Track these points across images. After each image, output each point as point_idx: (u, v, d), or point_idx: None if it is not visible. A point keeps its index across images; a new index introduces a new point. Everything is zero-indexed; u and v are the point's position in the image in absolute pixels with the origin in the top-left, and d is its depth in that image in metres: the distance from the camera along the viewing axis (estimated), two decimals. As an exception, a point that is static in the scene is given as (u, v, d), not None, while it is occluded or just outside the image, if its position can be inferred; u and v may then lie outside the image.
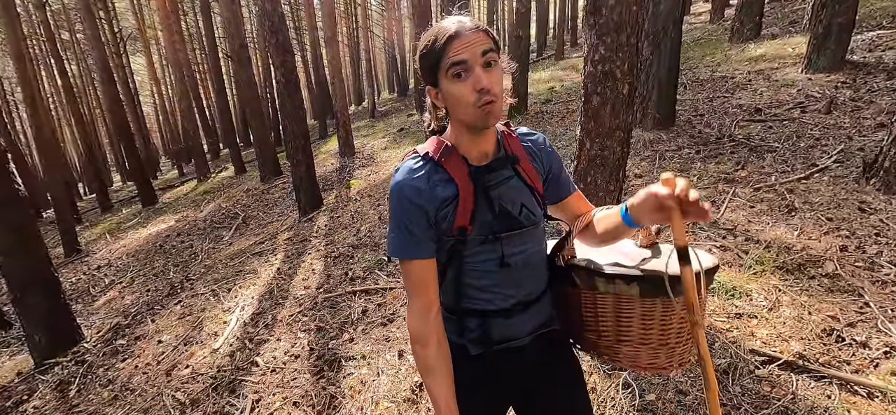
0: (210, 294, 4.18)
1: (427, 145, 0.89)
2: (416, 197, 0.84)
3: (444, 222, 0.85)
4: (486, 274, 0.89)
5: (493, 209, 0.87)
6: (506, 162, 0.89)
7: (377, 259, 3.90)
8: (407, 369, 2.42)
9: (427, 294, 0.86)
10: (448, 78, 0.79)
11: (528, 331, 0.94)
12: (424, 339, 0.86)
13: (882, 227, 2.30)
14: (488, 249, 0.88)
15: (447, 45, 0.78)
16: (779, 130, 4.02)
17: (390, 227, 0.87)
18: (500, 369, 0.95)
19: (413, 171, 0.85)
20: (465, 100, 0.78)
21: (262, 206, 7.83)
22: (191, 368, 2.98)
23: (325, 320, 3.15)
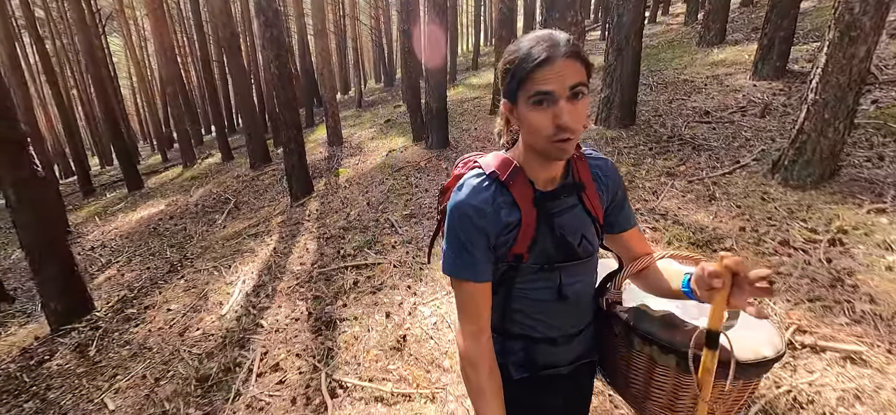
0: (211, 270, 4.56)
1: (493, 162, 0.85)
2: (479, 219, 0.80)
3: (502, 248, 0.83)
4: (539, 303, 0.87)
5: (554, 238, 0.84)
6: (572, 190, 0.86)
7: (366, 240, 4.35)
8: (393, 326, 2.89)
9: (480, 319, 0.84)
10: (528, 104, 0.74)
11: (570, 360, 0.93)
12: (476, 362, 0.83)
13: (775, 212, 2.87)
14: (545, 278, 0.85)
15: (535, 70, 0.72)
16: (720, 130, 4.60)
17: (447, 243, 0.84)
18: (540, 394, 0.94)
19: (478, 191, 0.81)
20: (542, 132, 0.74)
21: (252, 192, 8.13)
22: (201, 330, 3.39)
23: (320, 291, 3.59)
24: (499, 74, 0.81)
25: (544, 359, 0.91)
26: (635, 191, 3.73)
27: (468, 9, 31.72)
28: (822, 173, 2.98)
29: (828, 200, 2.86)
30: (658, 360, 0.85)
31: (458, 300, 0.85)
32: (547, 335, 0.89)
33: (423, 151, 7.01)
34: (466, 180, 0.83)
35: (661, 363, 0.85)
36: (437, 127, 6.50)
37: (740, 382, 0.81)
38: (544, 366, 0.91)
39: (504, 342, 0.91)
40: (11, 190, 3.60)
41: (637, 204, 3.48)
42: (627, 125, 5.21)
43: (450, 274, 0.84)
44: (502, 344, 0.92)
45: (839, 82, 2.78)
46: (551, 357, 0.91)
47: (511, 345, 0.91)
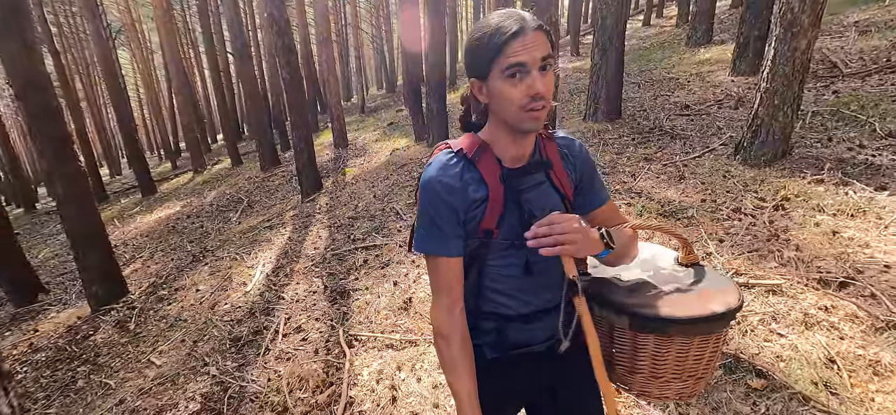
0: (233, 257, 4.99)
1: (461, 141, 0.88)
2: (447, 194, 0.82)
3: (471, 223, 0.84)
4: (508, 279, 0.88)
5: (521, 215, 0.85)
6: (540, 166, 0.88)
7: (373, 226, 4.77)
8: (400, 292, 3.30)
9: (452, 292, 0.86)
10: (501, 77, 0.76)
11: (544, 338, 0.93)
12: (448, 336, 0.86)
13: (733, 187, 3.27)
14: (513, 254, 0.86)
15: (507, 42, 0.74)
16: (697, 121, 5.01)
17: (418, 221, 0.86)
18: (516, 373, 0.95)
19: (446, 166, 0.84)
20: (515, 102, 0.76)
21: (264, 192, 8.58)
22: (230, 304, 3.81)
23: (334, 269, 4.01)
24: (466, 53, 0.82)
25: (517, 337, 0.92)
26: (616, 175, 4.14)
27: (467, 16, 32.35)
28: (775, 153, 3.38)
29: (778, 175, 3.26)
30: (614, 322, 0.90)
31: (431, 276, 0.87)
32: (520, 312, 0.90)
33: (424, 149, 7.45)
34: (435, 158, 0.86)
35: (618, 326, 0.89)
36: (438, 126, 6.94)
37: (685, 339, 0.83)
38: (517, 345, 0.92)
39: (477, 322, 0.92)
40: (59, 184, 4.05)
41: (616, 185, 3.88)
42: (613, 119, 5.62)
43: (423, 251, 0.86)
44: (476, 324, 0.92)
45: (785, 72, 3.18)
46: (524, 335, 0.91)
47: (484, 324, 0.92)
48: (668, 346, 0.84)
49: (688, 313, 0.81)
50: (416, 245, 0.87)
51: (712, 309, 0.81)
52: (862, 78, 4.57)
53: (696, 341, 0.83)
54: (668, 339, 0.84)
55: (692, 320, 0.81)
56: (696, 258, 0.96)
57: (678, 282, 0.91)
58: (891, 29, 5.83)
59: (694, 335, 0.82)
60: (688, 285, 0.89)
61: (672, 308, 0.83)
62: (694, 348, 0.84)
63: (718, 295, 0.84)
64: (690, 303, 0.84)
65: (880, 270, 2.09)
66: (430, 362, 2.49)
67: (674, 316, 0.81)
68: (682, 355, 0.85)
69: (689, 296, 0.86)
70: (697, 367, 0.86)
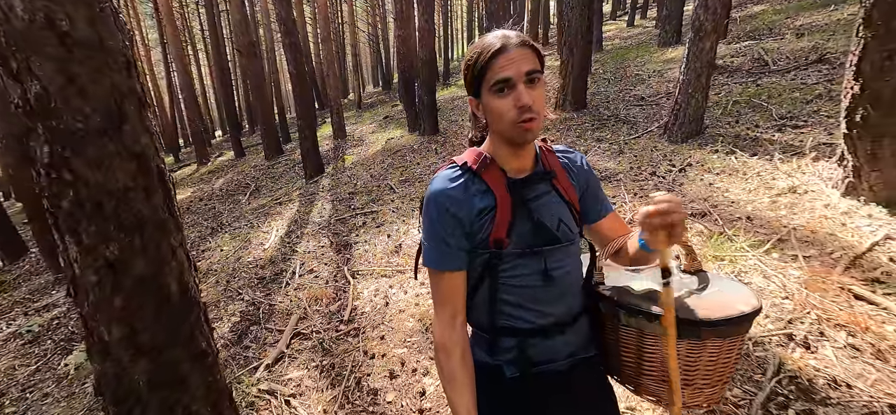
0: (249, 226, 5.80)
1: (465, 156, 0.89)
2: (452, 206, 0.83)
3: (479, 234, 0.84)
4: (526, 289, 0.87)
5: (532, 222, 0.85)
6: (544, 176, 0.89)
7: (371, 199, 5.59)
8: (392, 241, 4.13)
9: (455, 305, 0.87)
10: (490, 93, 0.79)
11: (566, 354, 0.92)
12: (449, 348, 0.85)
13: (655, 158, 4.13)
14: (530, 262, 0.86)
15: (492, 60, 0.78)
16: (647, 110, 5.87)
17: (424, 236, 0.87)
18: (538, 394, 0.91)
19: (451, 180, 0.85)
20: (506, 116, 0.79)
21: (269, 177, 9.36)
22: (253, 257, 4.62)
23: (338, 230, 4.83)
24: (463, 76, 0.86)
25: (538, 354, 0.90)
26: (573, 153, 5.00)
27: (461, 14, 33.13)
28: (690, 131, 4.23)
29: (690, 148, 4.12)
30: (645, 330, 0.86)
31: (435, 289, 0.87)
32: (538, 324, 0.88)
33: (417, 137, 8.26)
34: (440, 173, 0.87)
35: (649, 333, 0.86)
36: (428, 116, 7.76)
37: (718, 341, 0.82)
38: (539, 362, 0.90)
39: (495, 340, 0.91)
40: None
41: (571, 161, 4.74)
42: (578, 109, 6.47)
43: (429, 266, 0.86)
44: (494, 343, 0.91)
45: (696, 67, 4.03)
46: (545, 352, 0.89)
47: (503, 342, 0.90)
48: (700, 350, 0.83)
49: (720, 314, 0.81)
50: (425, 261, 0.87)
51: (741, 309, 0.81)
52: (782, 73, 5.43)
53: (726, 343, 0.83)
54: (700, 343, 0.82)
55: (725, 321, 0.80)
56: (700, 265, 0.95)
57: (689, 287, 0.90)
58: (821, 33, 6.70)
59: (725, 337, 0.82)
60: (700, 290, 0.89)
61: (702, 312, 0.82)
62: (723, 350, 0.83)
63: (740, 297, 0.84)
64: (715, 306, 0.83)
65: (727, 205, 2.95)
66: (414, 282, 3.32)
67: (709, 319, 0.81)
68: (712, 358, 0.83)
69: (709, 300, 0.85)
70: (726, 370, 0.86)
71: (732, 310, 0.81)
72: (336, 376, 2.45)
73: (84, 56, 1.37)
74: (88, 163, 1.42)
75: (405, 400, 2.18)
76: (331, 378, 2.45)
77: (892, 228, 2.25)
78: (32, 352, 3.86)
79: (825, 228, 2.42)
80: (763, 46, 6.83)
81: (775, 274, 2.20)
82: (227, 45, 18.38)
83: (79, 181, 1.42)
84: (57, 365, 3.55)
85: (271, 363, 2.68)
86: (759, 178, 3.20)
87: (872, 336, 1.74)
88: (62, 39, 1.34)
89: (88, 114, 1.40)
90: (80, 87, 1.38)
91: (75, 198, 1.43)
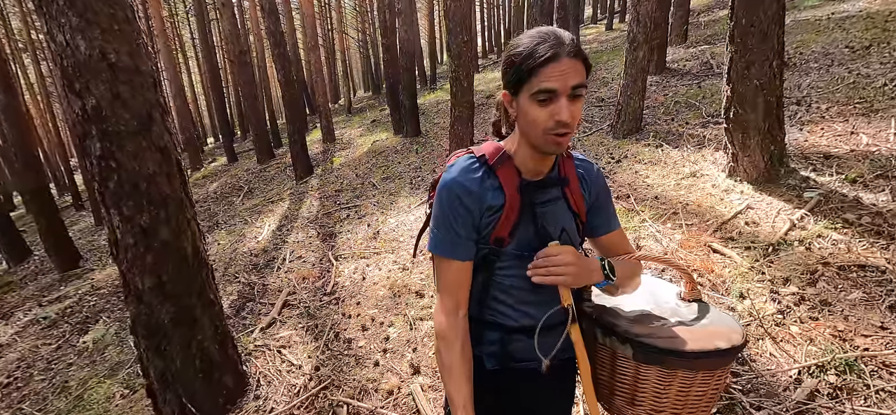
0: (243, 222, 6.31)
1: (484, 147, 0.88)
2: (466, 197, 0.83)
3: (485, 230, 0.85)
4: (514, 290, 0.89)
5: (535, 226, 0.86)
6: (557, 182, 0.88)
7: (354, 195, 6.13)
8: (371, 229, 4.67)
9: (458, 296, 0.87)
10: (531, 99, 0.76)
11: (545, 354, 0.89)
12: (450, 339, 0.86)
13: (600, 151, 4.73)
14: (522, 265, 0.86)
15: (542, 66, 0.74)
16: (605, 111, 6.49)
17: (434, 222, 0.87)
18: (514, 388, 0.95)
19: (468, 171, 0.85)
20: (540, 126, 0.76)
21: (261, 180, 9.85)
22: (247, 248, 5.15)
23: (324, 223, 5.37)
24: (503, 64, 0.82)
25: (519, 351, 0.92)
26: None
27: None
28: (630, 128, 4.85)
29: (629, 143, 4.73)
30: (617, 350, 0.88)
31: (440, 278, 0.88)
32: (522, 324, 0.90)
33: (400, 139, 8.82)
34: (457, 162, 0.87)
35: (621, 355, 0.88)
36: (410, 119, 8.33)
37: (689, 374, 0.82)
38: (518, 358, 0.92)
39: (480, 331, 0.93)
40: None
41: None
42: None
43: (435, 252, 0.87)
44: (478, 333, 0.93)
45: (632, 73, 4.64)
46: (526, 350, 0.90)
47: (487, 335, 0.93)
48: (670, 379, 0.83)
49: (693, 347, 0.80)
50: (430, 245, 0.87)
51: (717, 345, 0.80)
52: (721, 76, 6.09)
53: (700, 376, 0.82)
54: (671, 372, 0.82)
55: (697, 354, 0.80)
56: (699, 294, 0.96)
57: (681, 316, 0.90)
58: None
59: (697, 370, 0.81)
60: (691, 320, 0.89)
61: (677, 342, 0.82)
62: (697, 383, 0.82)
63: (723, 332, 0.83)
64: (695, 337, 0.82)
65: (644, 188, 3.55)
66: (386, 261, 3.87)
67: (678, 349, 0.81)
68: (683, 389, 0.83)
69: (693, 330, 0.85)
70: (699, 403, 0.85)
71: (709, 344, 0.81)
72: (318, 331, 3.00)
73: (125, 79, 1.93)
74: (128, 155, 1.98)
75: (373, 344, 2.73)
76: (314, 334, 2.99)
77: (753, 200, 2.85)
78: (52, 334, 4.35)
79: (708, 203, 3.02)
80: (713, 51, 7.50)
81: (663, 238, 2.79)
82: (218, 54, 18.82)
83: (121, 168, 1.97)
84: (76, 343, 4.05)
85: (265, 327, 3.22)
86: (674, 166, 3.80)
87: (714, 276, 2.32)
88: (111, 67, 1.89)
89: (128, 120, 1.96)
90: (123, 101, 1.93)
91: (118, 180, 1.98)
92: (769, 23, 2.62)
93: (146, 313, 2.14)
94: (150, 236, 2.06)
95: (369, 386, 2.37)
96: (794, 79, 4.92)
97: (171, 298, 2.16)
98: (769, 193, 2.87)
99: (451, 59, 4.42)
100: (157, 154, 2.06)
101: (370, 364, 2.54)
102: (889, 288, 1.93)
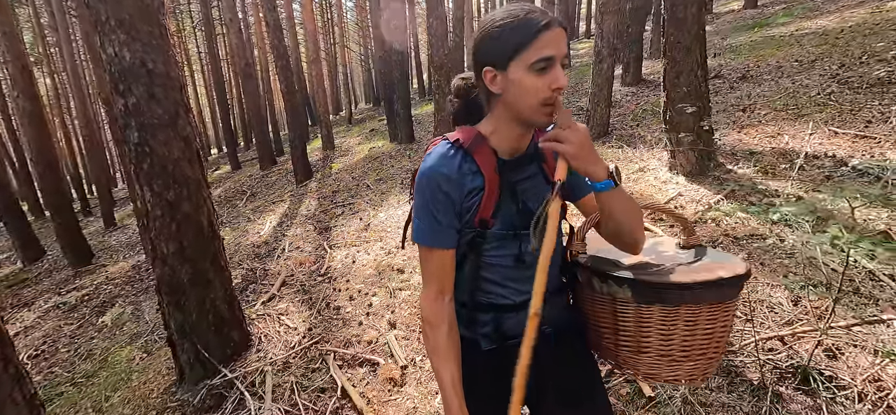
0: (247, 220, 6.80)
1: (457, 133, 0.88)
2: (445, 184, 0.83)
3: (467, 214, 0.86)
4: (505, 268, 0.90)
5: (517, 205, 0.87)
6: (533, 159, 0.89)
7: (350, 194, 6.62)
8: (363, 223, 5.15)
9: (443, 282, 0.88)
10: (528, 69, 0.75)
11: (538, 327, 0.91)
12: (436, 322, 0.88)
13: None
14: (507, 244, 0.88)
15: (537, 34, 0.74)
16: (581, 118, 7.01)
17: (416, 212, 0.87)
18: (512, 364, 0.90)
19: (444, 156, 0.85)
20: (538, 95, 0.76)
21: (263, 185, 10.36)
22: (251, 242, 5.63)
23: (321, 219, 5.85)
24: (483, 40, 0.80)
25: (512, 328, 0.93)
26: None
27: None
28: (598, 133, 5.35)
29: (596, 146, 5.22)
30: (617, 296, 0.87)
31: (425, 267, 0.89)
32: (514, 301, 0.92)
33: (395, 146, 9.36)
34: (434, 150, 0.87)
35: (621, 300, 0.86)
36: (404, 126, 8.87)
37: (693, 307, 0.81)
38: (513, 335, 0.92)
39: (473, 315, 0.95)
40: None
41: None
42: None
43: (419, 242, 0.87)
44: (472, 317, 0.95)
45: (598, 82, 5.17)
46: (519, 326, 0.87)
47: (481, 317, 0.94)
48: (674, 318, 0.81)
49: (694, 278, 0.80)
50: (415, 236, 0.88)
51: (719, 274, 0.80)
52: (690, 86, 6.63)
53: (705, 311, 0.81)
54: (674, 310, 0.81)
55: (698, 284, 0.79)
56: (698, 240, 0.95)
57: (681, 261, 0.90)
58: (735, 53, 7.94)
59: (702, 303, 0.80)
60: (690, 262, 0.89)
61: (678, 277, 0.82)
62: (702, 319, 0.81)
63: (725, 265, 0.83)
64: (696, 273, 0.82)
65: (600, 181, 4.03)
66: (375, 247, 4.35)
67: (679, 281, 0.80)
68: (690, 328, 0.82)
69: (693, 267, 0.85)
70: (708, 343, 0.83)
71: (710, 275, 0.80)
72: (312, 303, 3.46)
73: (159, 82, 2.44)
74: (159, 142, 2.47)
75: (358, 310, 3.19)
76: (308, 304, 3.45)
77: (684, 189, 3.33)
78: (72, 316, 4.81)
79: (649, 192, 3.50)
80: (684, 64, 8.05)
81: (607, 220, 3.27)
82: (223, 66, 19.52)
83: (153, 153, 2.47)
84: (95, 322, 4.51)
85: (266, 301, 3.68)
86: (628, 163, 4.29)
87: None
88: (148, 73, 2.40)
89: (160, 115, 2.46)
90: (157, 100, 2.43)
91: (151, 163, 2.48)
92: (692, 40, 3.13)
93: (169, 273, 2.61)
94: (174, 209, 2.55)
95: (353, 339, 2.83)
96: (747, 88, 5.44)
97: (190, 262, 2.63)
98: (699, 183, 3.35)
99: (433, 69, 4.95)
100: (181, 143, 2.55)
101: (355, 324, 3.00)
102: (765, 248, 2.40)
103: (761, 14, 10.62)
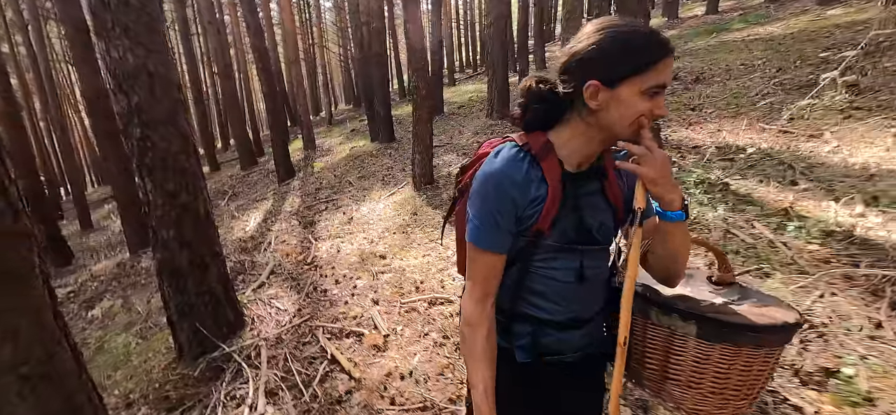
0: (231, 217, 6.96)
1: (527, 137, 0.86)
2: (512, 188, 0.82)
3: (526, 222, 0.84)
4: (556, 283, 0.88)
5: (575, 219, 0.86)
6: (596, 174, 0.88)
7: (333, 191, 6.87)
8: (346, 216, 5.43)
9: (489, 286, 0.87)
10: (641, 92, 0.74)
11: (576, 348, 0.93)
12: (476, 325, 0.86)
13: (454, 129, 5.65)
14: (564, 259, 0.87)
15: (661, 60, 0.73)
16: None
17: (475, 212, 0.85)
18: (545, 381, 0.94)
19: (514, 161, 0.83)
20: (637, 116, 0.76)
21: (245, 185, 10.45)
22: (237, 236, 5.81)
23: (305, 214, 6.09)
24: (596, 52, 0.76)
25: (550, 345, 0.92)
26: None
27: (428, 36, 34.83)
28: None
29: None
30: (677, 330, 0.84)
31: (473, 266, 0.87)
32: (555, 319, 0.90)
33: (376, 145, 9.62)
34: (503, 151, 0.84)
35: (680, 333, 0.84)
36: (384, 127, 9.14)
37: (754, 351, 0.80)
38: (550, 351, 0.92)
39: (510, 324, 0.93)
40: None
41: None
42: (504, 116, 8.02)
43: (474, 243, 0.85)
44: (508, 326, 0.93)
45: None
46: (557, 344, 0.91)
47: (518, 328, 0.93)
48: (734, 358, 0.80)
49: (762, 321, 0.78)
50: (471, 236, 0.86)
51: (785, 319, 0.78)
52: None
53: (763, 353, 0.80)
54: (736, 350, 0.80)
55: (767, 328, 0.78)
56: (733, 277, 0.94)
57: (723, 296, 0.88)
58: (693, 57, 8.54)
59: (763, 347, 0.80)
60: (737, 300, 0.87)
61: (744, 317, 0.80)
62: (758, 361, 0.81)
63: (780, 309, 0.82)
64: (756, 314, 0.80)
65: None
66: (358, 238, 4.63)
67: (749, 323, 0.78)
68: (747, 368, 0.81)
69: (746, 308, 0.83)
70: (757, 383, 0.83)
71: (775, 319, 0.79)
72: (300, 287, 3.73)
73: (160, 83, 2.68)
74: (160, 137, 2.71)
75: (344, 292, 3.49)
76: (297, 289, 3.72)
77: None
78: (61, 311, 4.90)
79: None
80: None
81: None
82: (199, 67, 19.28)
83: (155, 147, 2.71)
84: (86, 315, 4.64)
85: (256, 288, 3.92)
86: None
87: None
88: (149, 74, 2.65)
89: (161, 112, 2.70)
90: (157, 98, 2.68)
91: (152, 156, 2.72)
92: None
93: (169, 258, 2.85)
94: (173, 198, 2.79)
95: (340, 316, 3.12)
96: (699, 90, 5.97)
97: (188, 247, 2.87)
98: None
99: (410, 71, 5.28)
100: (179, 138, 2.79)
101: (341, 303, 3.30)
102: (692, 226, 2.83)
103: (722, 19, 11.37)
